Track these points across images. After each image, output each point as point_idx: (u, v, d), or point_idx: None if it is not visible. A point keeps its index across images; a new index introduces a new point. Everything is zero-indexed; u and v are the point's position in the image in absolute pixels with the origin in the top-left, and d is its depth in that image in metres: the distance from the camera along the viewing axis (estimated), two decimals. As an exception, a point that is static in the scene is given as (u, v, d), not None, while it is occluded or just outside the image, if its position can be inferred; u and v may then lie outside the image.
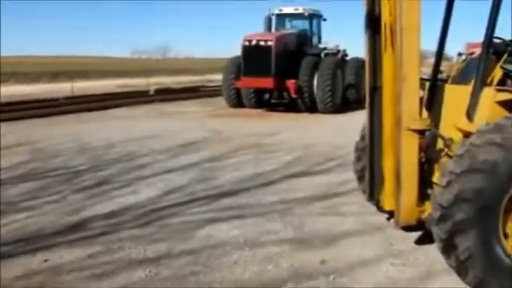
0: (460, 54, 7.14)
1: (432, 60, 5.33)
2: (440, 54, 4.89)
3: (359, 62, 16.92)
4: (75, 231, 5.32)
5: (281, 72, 16.03)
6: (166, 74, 43.13)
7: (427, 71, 8.74)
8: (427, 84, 4.95)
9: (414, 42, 3.79)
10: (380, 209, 4.56)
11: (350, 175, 6.01)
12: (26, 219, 5.70)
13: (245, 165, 8.47)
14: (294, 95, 16.26)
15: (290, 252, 4.72)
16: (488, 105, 3.92)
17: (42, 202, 6.39)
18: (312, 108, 16.34)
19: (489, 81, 4.25)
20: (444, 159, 4.16)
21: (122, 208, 6.10)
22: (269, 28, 18.33)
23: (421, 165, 4.39)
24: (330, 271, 4.29)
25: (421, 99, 4.96)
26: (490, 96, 3.92)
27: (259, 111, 17.22)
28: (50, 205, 6.30)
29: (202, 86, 29.50)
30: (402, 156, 3.93)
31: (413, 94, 3.84)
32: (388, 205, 4.35)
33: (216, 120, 14.81)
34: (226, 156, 9.22)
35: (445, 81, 5.35)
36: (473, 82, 4.14)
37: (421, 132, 3.97)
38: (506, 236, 3.68)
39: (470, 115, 4.04)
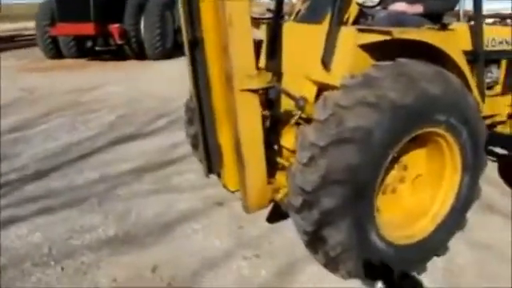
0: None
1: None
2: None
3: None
4: None
5: (102, 16, 14.10)
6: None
7: (259, 11, 7.84)
8: (265, 25, 3.96)
9: None
10: (224, 187, 3.55)
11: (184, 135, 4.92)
12: None
13: (58, 132, 6.93)
14: (119, 41, 14.46)
15: (110, 258, 3.56)
16: (349, 49, 3.01)
17: None
18: (141, 54, 14.76)
19: (345, 19, 3.36)
20: (297, 125, 3.25)
21: None
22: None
23: (267, 130, 3.47)
24: (165, 281, 3.24)
25: (259, 43, 4.00)
26: (350, 38, 3.01)
27: (81, 61, 15.16)
28: None
29: (19, 35, 25.86)
30: (240, 125, 2.89)
31: (244, 44, 2.76)
32: (232, 185, 3.37)
33: (31, 75, 12.60)
34: (36, 122, 7.53)
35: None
36: (326, 19, 3.22)
37: (261, 91, 2.95)
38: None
39: (326, 63, 3.12)
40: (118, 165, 5.47)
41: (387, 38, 2.83)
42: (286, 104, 3.43)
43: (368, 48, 3.02)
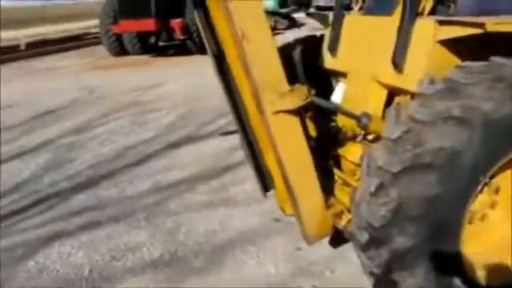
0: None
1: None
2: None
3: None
4: None
5: (163, 11, 13.98)
6: (48, 23, 38.94)
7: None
8: (330, 16, 3.45)
9: None
10: (280, 209, 3.10)
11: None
12: None
13: (115, 135, 6.71)
14: (181, 36, 14.30)
15: (152, 285, 3.20)
16: (427, 46, 2.45)
17: None
18: (204, 48, 14.46)
19: (420, 9, 2.79)
20: (359, 144, 2.74)
21: None
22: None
23: (324, 139, 3.00)
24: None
25: (320, 38, 3.51)
26: (428, 32, 2.45)
27: (145, 58, 15.10)
28: None
29: (87, 34, 26.46)
30: (280, 150, 2.40)
31: (266, 59, 2.25)
32: (287, 208, 2.91)
33: (93, 74, 12.63)
34: (94, 124, 7.37)
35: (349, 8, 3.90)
36: (398, 10, 2.67)
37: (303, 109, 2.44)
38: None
39: (398, 63, 2.58)
40: (172, 172, 5.14)
41: (478, 31, 2.24)
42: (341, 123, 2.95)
43: (450, 43, 2.45)
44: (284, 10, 23.61)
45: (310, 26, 18.47)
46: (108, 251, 3.65)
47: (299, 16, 23.55)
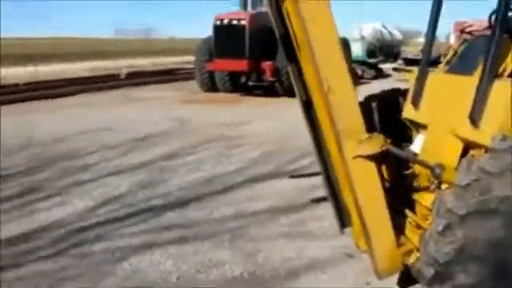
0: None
1: (418, 40, 4.06)
2: (433, 35, 3.65)
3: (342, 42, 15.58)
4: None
5: (256, 53, 14.77)
6: (146, 56, 41.50)
7: (413, 51, 7.58)
8: (415, 72, 3.75)
9: (326, 36, 2.50)
10: (356, 245, 3.39)
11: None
12: None
13: (203, 164, 7.25)
14: (270, 78, 15.00)
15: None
16: (502, 106, 2.72)
17: None
18: (291, 92, 15.00)
19: (500, 70, 3.06)
20: (433, 191, 3.00)
21: (38, 228, 4.89)
22: (244, 6, 16.97)
23: (401, 184, 3.28)
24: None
25: (405, 92, 3.81)
26: (505, 92, 2.72)
27: (234, 96, 15.91)
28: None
29: (180, 69, 28.04)
30: (358, 192, 2.73)
31: (347, 109, 2.62)
32: (362, 244, 3.19)
33: (185, 107, 13.51)
34: (184, 152, 7.98)
35: (436, 62, 4.17)
36: (478, 71, 2.95)
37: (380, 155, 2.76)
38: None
39: (475, 119, 2.85)
40: (254, 203, 5.54)
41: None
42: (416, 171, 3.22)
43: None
44: (372, 60, 23.96)
45: (395, 78, 18.63)
46: (194, 264, 4.07)
47: (386, 66, 23.78)
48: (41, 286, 3.77)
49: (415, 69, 3.78)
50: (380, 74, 23.35)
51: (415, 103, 3.56)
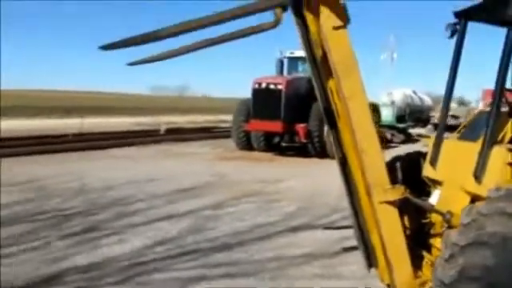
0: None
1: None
2: (447, 106, 4.45)
3: (372, 107, 16.47)
4: (48, 285, 4.91)
5: (290, 116, 15.72)
6: (181, 113, 43.19)
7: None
8: (432, 138, 4.52)
9: (361, 110, 3.33)
10: (380, 280, 4.07)
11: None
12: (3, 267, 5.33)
13: (245, 214, 8.01)
14: (303, 140, 15.88)
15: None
16: (498, 166, 3.46)
17: (24, 249, 6.00)
18: (322, 153, 15.89)
19: (500, 137, 3.80)
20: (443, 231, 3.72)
21: (103, 259, 5.67)
22: (281, 71, 18.12)
23: (420, 229, 3.99)
24: None
25: (425, 154, 4.57)
26: (500, 156, 3.46)
27: (268, 155, 16.81)
28: (31, 252, 5.90)
29: (216, 127, 29.32)
30: (383, 232, 3.51)
31: (376, 165, 3.43)
32: (386, 279, 3.88)
33: (223, 163, 14.42)
34: (227, 204, 8.78)
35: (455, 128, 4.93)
36: (481, 139, 3.70)
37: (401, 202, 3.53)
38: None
39: (477, 176, 3.58)
40: (291, 249, 6.23)
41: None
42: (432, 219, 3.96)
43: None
44: (401, 125, 24.71)
45: (423, 142, 19.23)
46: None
47: (415, 131, 24.46)
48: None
49: (433, 135, 4.54)
50: (409, 139, 24.04)
51: (432, 163, 4.31)
